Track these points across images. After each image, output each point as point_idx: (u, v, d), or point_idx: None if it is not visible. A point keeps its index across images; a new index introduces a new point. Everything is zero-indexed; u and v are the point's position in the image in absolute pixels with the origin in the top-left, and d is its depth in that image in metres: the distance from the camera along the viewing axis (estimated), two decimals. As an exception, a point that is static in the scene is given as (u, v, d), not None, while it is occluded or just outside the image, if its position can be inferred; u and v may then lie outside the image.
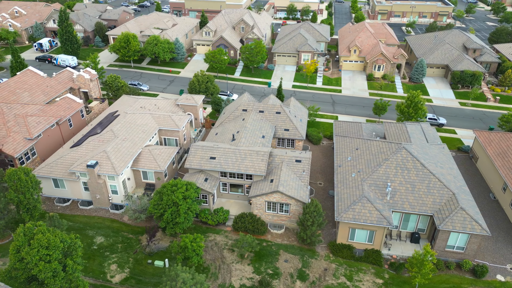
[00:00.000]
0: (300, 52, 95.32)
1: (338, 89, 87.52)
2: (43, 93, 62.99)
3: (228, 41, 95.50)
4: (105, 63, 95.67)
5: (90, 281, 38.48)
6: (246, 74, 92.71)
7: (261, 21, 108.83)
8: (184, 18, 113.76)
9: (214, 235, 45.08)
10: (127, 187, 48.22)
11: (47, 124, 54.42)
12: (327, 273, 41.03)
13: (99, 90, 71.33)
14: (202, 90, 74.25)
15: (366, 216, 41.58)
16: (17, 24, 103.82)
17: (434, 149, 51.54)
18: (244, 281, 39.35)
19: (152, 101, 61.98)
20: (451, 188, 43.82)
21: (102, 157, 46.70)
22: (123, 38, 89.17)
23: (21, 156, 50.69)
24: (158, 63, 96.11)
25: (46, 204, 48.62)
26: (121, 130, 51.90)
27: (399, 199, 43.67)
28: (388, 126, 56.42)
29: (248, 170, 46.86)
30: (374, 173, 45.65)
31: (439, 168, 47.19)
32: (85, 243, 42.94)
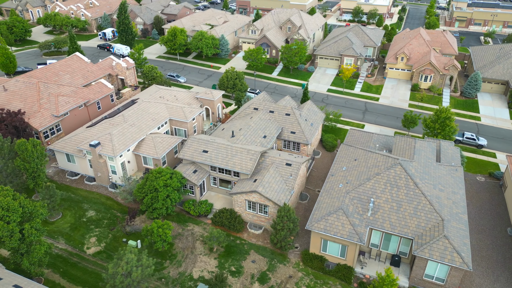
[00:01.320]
0: (342, 56, 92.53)
1: (376, 97, 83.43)
2: (83, 77, 69.67)
3: (270, 40, 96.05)
4: (155, 54, 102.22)
5: (68, 249, 42.34)
6: (283, 75, 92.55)
7: (311, 22, 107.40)
8: (236, 16, 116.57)
9: (193, 225, 46.55)
10: (127, 169, 51.69)
11: (74, 104, 60.29)
12: (290, 281, 40.20)
13: (135, 78, 76.76)
14: (230, 87, 75.98)
15: (338, 229, 39.84)
16: (89, 14, 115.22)
17: (442, 170, 47.24)
18: (204, 273, 40.24)
19: (173, 92, 65.20)
20: (441, 214, 40.04)
21: (106, 138, 50.70)
22: (171, 31, 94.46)
23: (46, 131, 56.95)
24: (202, 58, 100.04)
25: (59, 175, 54.15)
26: (131, 116, 55.67)
27: (380, 217, 41.05)
28: (398, 140, 52.84)
29: (235, 167, 47.46)
30: (361, 187, 43.39)
31: (437, 190, 43.27)
32: (77, 214, 47.19)
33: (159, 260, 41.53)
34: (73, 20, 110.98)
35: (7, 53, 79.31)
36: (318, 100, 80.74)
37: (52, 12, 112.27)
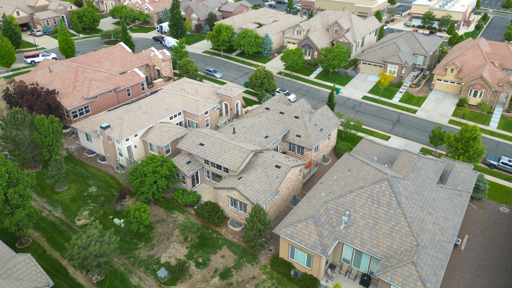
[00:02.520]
0: (386, 63, 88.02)
1: (414, 109, 78.19)
2: (121, 65, 75.43)
3: (313, 42, 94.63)
4: (202, 49, 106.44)
5: (62, 218, 46.77)
6: (321, 78, 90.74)
7: (361, 26, 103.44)
8: (288, 16, 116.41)
9: (178, 213, 48.43)
10: (133, 153, 55.25)
11: (104, 89, 65.69)
12: (251, 281, 40.17)
13: (170, 70, 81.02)
14: (257, 85, 76.73)
15: (303, 237, 38.81)
16: (151, 8, 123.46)
17: (441, 193, 43.32)
18: (171, 260, 41.87)
19: (195, 86, 67.77)
20: (418, 238, 36.99)
21: (117, 122, 54.72)
22: (216, 28, 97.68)
23: (75, 111, 62.94)
24: (245, 56, 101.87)
25: (78, 152, 59.64)
26: (146, 104, 59.24)
27: (352, 232, 39.10)
28: (402, 155, 49.41)
29: (224, 162, 48.33)
30: (341, 198, 41.64)
31: (424, 213, 39.91)
32: (81, 188, 51.74)
33: (135, 240, 44.09)
34: (136, 13, 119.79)
35: (67, 39, 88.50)
36: (349, 107, 78.01)
37: (120, 5, 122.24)
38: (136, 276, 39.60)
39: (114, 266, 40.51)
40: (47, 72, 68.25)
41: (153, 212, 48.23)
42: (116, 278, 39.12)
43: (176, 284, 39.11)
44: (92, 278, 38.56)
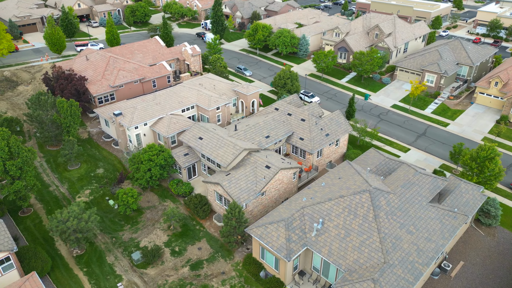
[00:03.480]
0: (424, 71, 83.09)
1: (446, 122, 73.09)
2: (153, 58, 79.47)
3: (348, 45, 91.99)
4: (240, 47, 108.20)
5: (65, 194, 50.80)
6: (353, 82, 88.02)
7: (406, 31, 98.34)
8: (331, 18, 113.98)
9: (170, 202, 50.32)
10: (142, 141, 58.23)
11: (130, 79, 69.78)
12: (219, 276, 40.75)
13: (200, 65, 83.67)
14: (280, 85, 76.59)
15: (272, 239, 38.53)
16: (200, 5, 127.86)
17: (431, 212, 40.43)
18: (149, 245, 43.72)
19: (214, 82, 69.41)
20: (388, 256, 35.04)
21: (129, 111, 58.04)
22: (253, 27, 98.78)
23: (101, 97, 67.64)
24: (280, 55, 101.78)
25: (98, 135, 64.12)
26: (161, 96, 62.03)
27: (322, 241, 38.02)
28: (400, 169, 46.66)
29: (216, 158, 49.26)
30: (319, 205, 40.62)
31: (404, 231, 37.60)
32: (89, 169, 55.73)
33: (123, 222, 46.68)
34: (184, 10, 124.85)
35: (113, 31, 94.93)
36: (374, 115, 74.95)
37: (172, 1, 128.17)
38: (113, 256, 42.03)
39: (96, 243, 43.36)
40: (84, 60, 74.02)
41: (147, 199, 50.62)
42: (95, 255, 41.86)
43: (146, 268, 40.88)
44: (73, 252, 41.64)
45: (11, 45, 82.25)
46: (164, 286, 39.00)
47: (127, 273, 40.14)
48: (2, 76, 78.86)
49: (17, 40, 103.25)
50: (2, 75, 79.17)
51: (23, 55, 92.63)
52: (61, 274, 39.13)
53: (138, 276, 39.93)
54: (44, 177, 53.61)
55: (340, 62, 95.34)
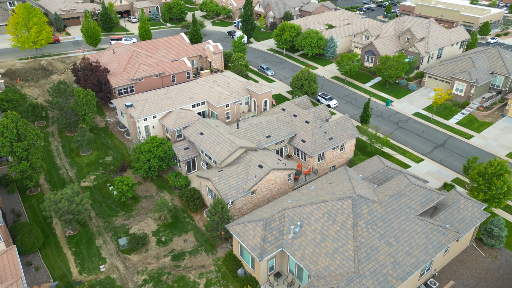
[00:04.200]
0: (453, 79, 78.88)
1: (470, 134, 69.06)
2: (176, 54, 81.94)
3: (376, 48, 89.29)
4: (268, 46, 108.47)
5: (72, 177, 53.95)
6: (377, 87, 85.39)
7: (441, 36, 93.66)
8: (365, 20, 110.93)
9: (167, 193, 51.90)
10: (150, 133, 60.41)
11: (149, 73, 72.49)
12: (198, 269, 41.54)
13: (221, 62, 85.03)
14: (298, 86, 76.07)
15: (248, 237, 38.69)
16: (235, 4, 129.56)
17: (418, 226, 38.61)
18: (138, 232, 45.43)
19: (229, 80, 70.34)
20: (359, 267, 34.02)
21: (141, 103, 60.43)
22: (280, 27, 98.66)
23: (121, 89, 70.88)
24: (307, 57, 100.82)
25: (113, 125, 67.29)
26: (173, 91, 63.95)
27: (297, 244, 37.60)
28: (395, 178, 44.82)
29: (212, 153, 50.09)
30: (300, 208, 40.18)
31: (382, 242, 36.26)
32: (99, 156, 58.72)
33: (118, 209, 48.83)
34: (219, 8, 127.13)
35: (146, 27, 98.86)
36: (392, 122, 72.33)
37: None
38: (102, 239, 44.18)
39: (89, 226, 45.77)
40: (111, 53, 77.88)
41: (146, 188, 52.55)
42: (86, 237, 44.24)
43: (131, 254, 42.56)
44: (66, 232, 44.28)
45: (50, 36, 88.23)
46: (142, 273, 40.43)
47: (112, 257, 42.05)
48: (39, 65, 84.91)
49: (60, 32, 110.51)
50: (39, 64, 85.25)
51: (62, 46, 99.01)
52: (50, 251, 41.81)
53: (121, 260, 41.71)
54: (57, 160, 57.28)
55: (366, 66, 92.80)
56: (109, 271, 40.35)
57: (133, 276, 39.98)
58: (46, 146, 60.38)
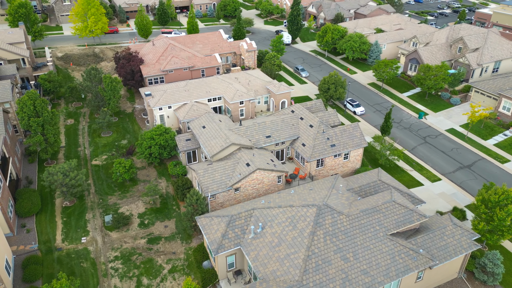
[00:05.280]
0: (501, 96, 71.36)
1: (506, 158, 62.33)
2: (211, 49, 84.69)
3: (420, 56, 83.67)
4: (312, 48, 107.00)
5: (86, 155, 58.86)
6: (415, 98, 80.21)
7: (500, 48, 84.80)
8: (420, 26, 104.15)
9: (164, 180, 54.42)
10: (165, 122, 63.56)
11: (180, 66, 75.96)
12: (168, 255, 43.27)
13: (254, 60, 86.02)
14: (324, 90, 74.45)
15: (211, 231, 39.42)
16: (289, 3, 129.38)
17: (385, 245, 36.23)
18: (126, 213, 48.41)
19: (251, 77, 71.11)
20: (305, 276, 33.07)
21: (159, 93, 63.84)
22: (323, 29, 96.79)
23: (151, 79, 75.28)
24: (349, 61, 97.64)
25: (139, 112, 71.81)
26: (192, 84, 66.48)
27: (255, 244, 37.47)
28: (384, 193, 42.18)
29: (206, 147, 51.44)
30: (268, 209, 39.90)
31: (338, 256, 34.72)
32: (117, 138, 63.17)
33: (116, 189, 52.41)
34: (272, 7, 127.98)
35: (193, 22, 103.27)
36: (419, 136, 67.65)
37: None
38: (92, 214, 47.91)
39: (85, 200, 49.84)
40: (151, 45, 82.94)
41: (147, 173, 55.62)
42: (79, 210, 48.30)
43: (112, 231, 45.62)
44: (64, 203, 48.76)
45: (105, 26, 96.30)
46: (116, 250, 43.21)
47: (95, 231, 45.50)
48: (92, 52, 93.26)
49: (122, 24, 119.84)
50: (92, 51, 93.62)
51: (119, 37, 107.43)
52: (44, 218, 46.43)
53: (102, 236, 44.95)
54: (80, 138, 62.92)
55: (409, 75, 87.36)
56: (88, 244, 43.78)
57: (107, 251, 42.93)
58: (75, 125, 66.62)
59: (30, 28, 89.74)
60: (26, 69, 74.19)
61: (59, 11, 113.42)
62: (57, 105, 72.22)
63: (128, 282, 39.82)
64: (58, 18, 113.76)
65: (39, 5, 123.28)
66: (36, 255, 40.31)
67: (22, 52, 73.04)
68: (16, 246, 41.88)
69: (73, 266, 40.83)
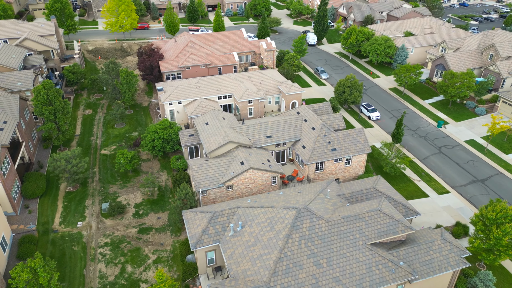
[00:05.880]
0: (529, 108, 66.86)
1: (526, 174, 58.30)
2: (230, 47, 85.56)
3: (447, 63, 79.96)
4: (337, 49, 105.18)
5: (97, 144, 61.52)
6: (437, 106, 76.90)
7: (535, 57, 79.18)
8: (453, 30, 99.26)
9: (165, 173, 55.81)
10: (175, 116, 65.12)
11: (197, 63, 77.40)
12: (156, 246, 44.46)
13: (273, 60, 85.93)
14: (339, 93, 73.15)
15: (193, 225, 40.07)
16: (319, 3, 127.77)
17: (363, 254, 35.22)
18: (124, 202, 50.21)
19: (264, 77, 71.09)
20: (273, 278, 32.89)
21: (171, 88, 65.50)
22: (348, 30, 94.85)
23: (169, 74, 77.28)
24: (374, 64, 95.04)
25: (154, 106, 73.99)
26: (204, 81, 67.58)
27: (232, 242, 37.68)
28: (372, 201, 40.90)
29: (205, 143, 52.18)
30: (250, 209, 39.95)
31: (311, 261, 34.18)
32: (129, 130, 65.45)
33: (119, 178, 54.43)
34: (302, 7, 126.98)
35: (219, 21, 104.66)
36: (435, 146, 64.88)
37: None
38: (92, 200, 50.11)
39: (88, 187, 52.21)
40: (173, 42, 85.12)
41: (151, 165, 57.30)
42: (80, 195, 50.67)
43: (107, 218, 47.50)
44: (67, 188, 51.37)
45: (134, 23, 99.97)
46: (108, 236, 44.98)
47: (91, 217, 47.60)
48: (120, 47, 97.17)
49: (154, 20, 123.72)
50: (121, 46, 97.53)
51: (149, 33, 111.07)
52: (47, 201, 49.15)
53: (97, 222, 46.94)
54: (95, 128, 65.90)
55: (434, 81, 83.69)
56: (83, 228, 45.90)
57: (98, 237, 44.80)
58: (93, 115, 69.84)
59: (65, 22, 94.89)
60: (54, 60, 78.65)
61: (96, 6, 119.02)
62: (80, 96, 76.00)
63: (112, 268, 41.37)
64: (95, 13, 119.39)
65: (79, 0, 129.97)
66: (32, 235, 42.85)
67: (51, 44, 77.49)
68: (16, 225, 44.74)
69: (65, 248, 43.00)
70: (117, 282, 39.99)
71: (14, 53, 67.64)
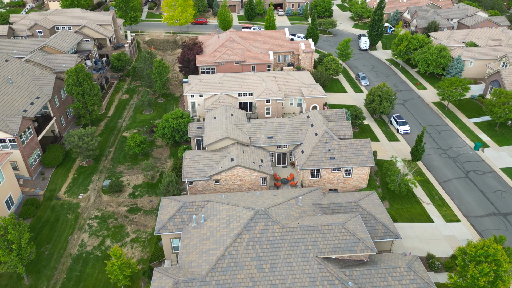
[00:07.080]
0: None
1: None
2: (269, 46, 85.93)
3: (502, 79, 71.66)
4: (389, 56, 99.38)
5: (118, 126, 66.47)
6: (481, 126, 69.53)
7: None
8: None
9: (172, 160, 58.67)
10: (196, 108, 67.79)
11: (231, 59, 79.24)
12: (139, 226, 47.31)
13: (310, 62, 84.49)
14: (368, 101, 69.85)
15: (164, 212, 41.77)
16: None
17: (311, 268, 33.96)
18: (125, 182, 54.01)
19: (290, 78, 70.45)
20: (210, 273, 33.42)
21: (195, 81, 68.26)
22: (400, 37, 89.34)
23: (203, 68, 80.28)
24: (425, 75, 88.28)
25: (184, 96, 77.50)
26: (227, 77, 69.13)
27: (192, 233, 38.67)
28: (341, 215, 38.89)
29: (206, 136, 53.70)
30: (219, 204, 40.56)
31: (253, 264, 33.96)
32: (154, 118, 69.71)
33: (129, 159, 58.53)
34: (363, 10, 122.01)
35: (270, 19, 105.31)
36: (463, 169, 59.28)
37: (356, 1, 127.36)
38: (98, 176, 54.72)
39: (99, 164, 57.02)
40: (216, 37, 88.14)
41: (162, 151, 60.66)
42: (90, 170, 55.58)
43: (105, 194, 51.59)
44: (82, 162, 56.68)
45: (190, 18, 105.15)
46: (100, 210, 48.94)
47: (93, 191, 52.09)
48: (173, 39, 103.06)
49: (214, 16, 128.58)
50: (174, 38, 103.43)
51: (205, 28, 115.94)
52: (61, 171, 54.79)
53: (96, 196, 51.26)
54: (125, 112, 71.37)
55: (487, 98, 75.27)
56: (82, 200, 50.52)
57: (92, 210, 48.97)
58: (128, 99, 75.63)
59: (128, 13, 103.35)
60: (108, 47, 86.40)
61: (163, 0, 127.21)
62: (124, 81, 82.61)
63: (93, 239, 45.06)
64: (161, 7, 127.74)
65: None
66: (36, 199, 48.39)
67: (106, 32, 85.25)
68: (28, 188, 50.81)
69: (60, 215, 47.84)
70: (93, 252, 43.53)
71: (69, 38, 75.92)
